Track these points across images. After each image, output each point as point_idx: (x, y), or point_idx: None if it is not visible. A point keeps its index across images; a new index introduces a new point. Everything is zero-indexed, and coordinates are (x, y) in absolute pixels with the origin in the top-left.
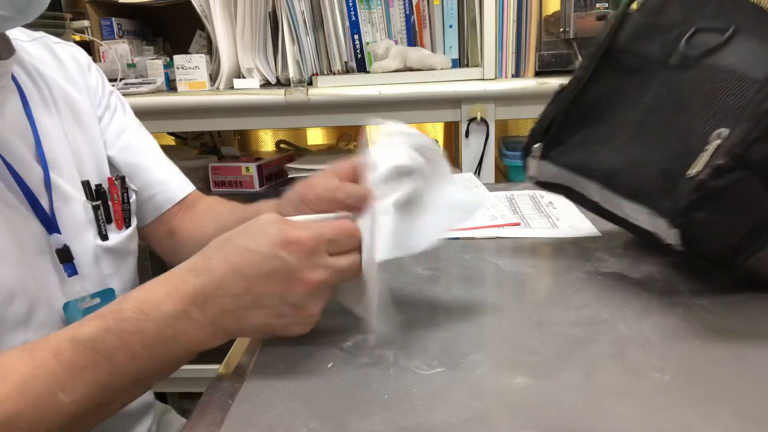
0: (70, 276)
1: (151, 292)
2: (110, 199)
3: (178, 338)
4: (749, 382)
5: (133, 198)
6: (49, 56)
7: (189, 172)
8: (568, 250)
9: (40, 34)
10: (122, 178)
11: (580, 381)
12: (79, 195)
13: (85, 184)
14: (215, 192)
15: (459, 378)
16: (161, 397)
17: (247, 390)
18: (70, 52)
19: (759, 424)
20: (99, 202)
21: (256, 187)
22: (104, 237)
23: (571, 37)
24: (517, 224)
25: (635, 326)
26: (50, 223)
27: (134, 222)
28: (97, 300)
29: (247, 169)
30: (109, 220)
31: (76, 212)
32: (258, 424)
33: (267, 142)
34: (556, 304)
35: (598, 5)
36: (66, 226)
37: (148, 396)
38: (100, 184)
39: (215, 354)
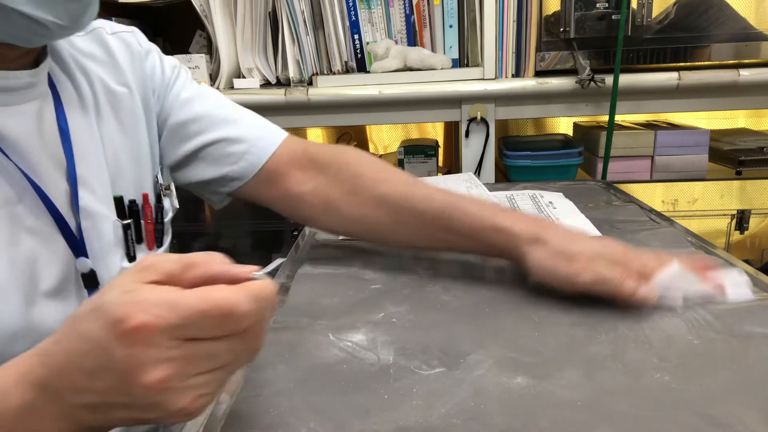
0: None
1: (4, 378)
2: (143, 218)
3: None
4: (749, 382)
5: (168, 217)
6: (100, 51)
7: None
8: None
9: (97, 24)
10: (158, 196)
11: (580, 381)
12: (110, 213)
13: (118, 201)
14: None
15: (459, 378)
16: None
17: (246, 390)
18: (125, 41)
19: (759, 424)
20: (130, 221)
21: None
22: (132, 258)
23: (571, 37)
24: None
25: (635, 326)
26: (78, 247)
27: (167, 241)
28: None
29: None
30: (139, 240)
31: (104, 232)
32: (258, 424)
33: None
34: (556, 304)
35: (598, 5)
36: (93, 248)
37: None
38: (134, 201)
39: None
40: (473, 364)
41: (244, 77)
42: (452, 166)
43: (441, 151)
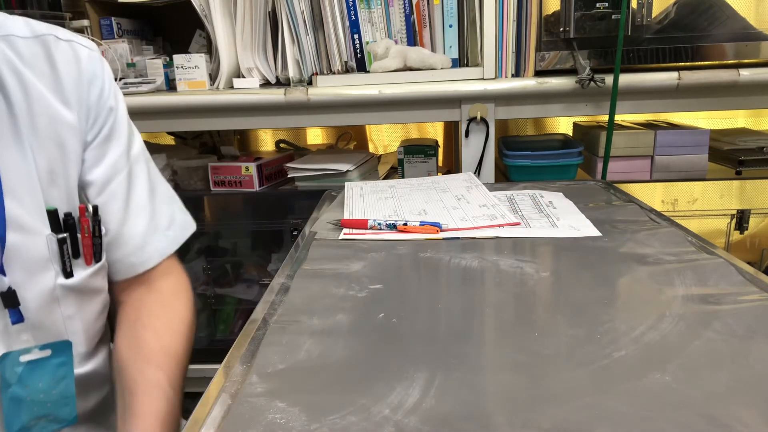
0: (14, 323)
1: None
2: (79, 231)
3: None
4: (749, 382)
5: (104, 231)
6: (43, 60)
7: (189, 172)
8: (568, 250)
9: (47, 29)
10: (95, 209)
11: (580, 381)
12: (43, 226)
13: (52, 214)
14: (215, 192)
15: (459, 378)
16: None
17: (246, 390)
18: (76, 54)
19: (760, 425)
20: (66, 235)
21: (256, 187)
22: (68, 274)
23: (571, 36)
24: (517, 224)
25: (635, 326)
26: None
27: (105, 256)
28: (48, 352)
29: (247, 168)
30: (76, 255)
31: (35, 248)
32: (258, 424)
33: (267, 141)
34: (555, 304)
35: (598, 5)
36: (18, 265)
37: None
38: (70, 213)
39: (215, 354)
40: (473, 364)
41: (243, 77)
42: (452, 165)
43: (441, 150)
